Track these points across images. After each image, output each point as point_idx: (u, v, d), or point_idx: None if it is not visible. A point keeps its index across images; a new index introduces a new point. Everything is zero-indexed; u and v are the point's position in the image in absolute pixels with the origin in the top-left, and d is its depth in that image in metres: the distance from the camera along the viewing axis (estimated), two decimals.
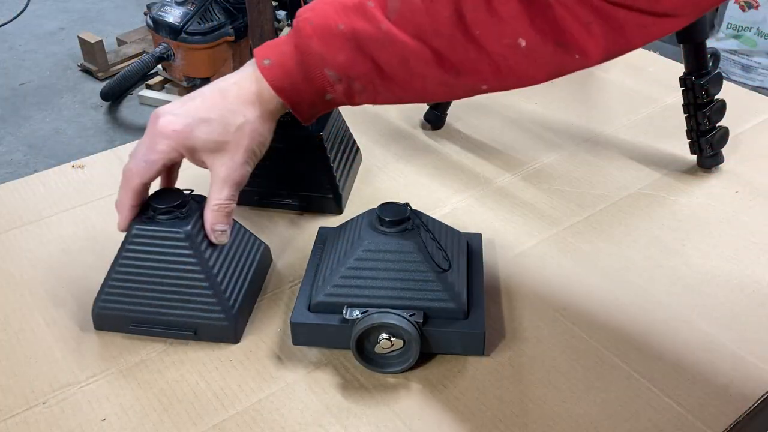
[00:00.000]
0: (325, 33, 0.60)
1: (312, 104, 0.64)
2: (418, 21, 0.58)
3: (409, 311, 0.62)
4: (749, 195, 0.86)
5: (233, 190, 0.64)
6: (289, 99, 0.63)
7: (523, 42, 0.57)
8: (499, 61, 0.58)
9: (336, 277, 0.64)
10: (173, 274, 0.64)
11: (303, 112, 0.65)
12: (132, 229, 0.65)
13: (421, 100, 0.67)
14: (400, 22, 0.58)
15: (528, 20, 0.56)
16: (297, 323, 0.64)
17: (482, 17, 0.56)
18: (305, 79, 0.62)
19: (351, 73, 0.61)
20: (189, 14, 2.65)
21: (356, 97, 0.63)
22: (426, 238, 0.64)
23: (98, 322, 0.68)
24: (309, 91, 0.63)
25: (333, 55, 0.60)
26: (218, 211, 0.64)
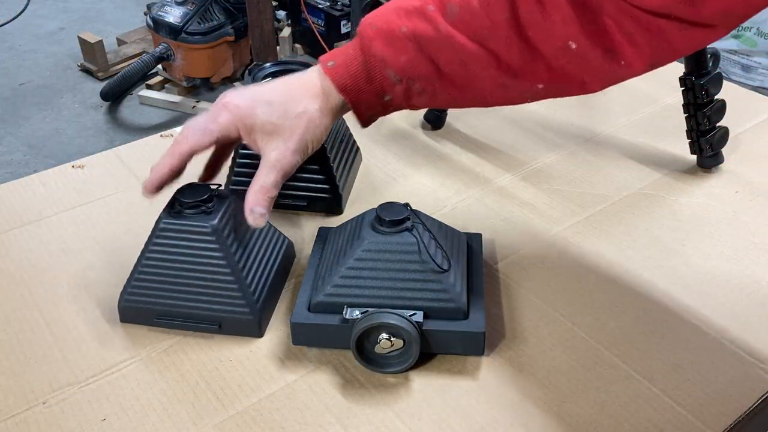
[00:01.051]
0: (387, 36, 0.62)
1: (370, 105, 0.66)
2: (476, 24, 0.60)
3: (409, 311, 0.62)
4: (749, 195, 0.86)
5: (280, 176, 0.65)
6: (351, 98, 0.65)
7: (573, 45, 0.59)
8: (552, 63, 0.60)
9: (336, 277, 0.64)
10: (199, 268, 0.65)
11: (362, 112, 0.67)
12: (159, 224, 0.66)
13: (479, 103, 0.67)
14: (459, 25, 0.60)
15: (579, 25, 0.58)
16: (297, 323, 0.64)
17: (536, 19, 0.59)
18: (367, 79, 0.64)
19: (411, 74, 0.63)
20: (189, 14, 2.65)
21: (414, 98, 0.65)
22: (426, 238, 0.64)
23: (124, 315, 0.69)
24: (369, 91, 0.65)
25: (395, 57, 0.62)
26: (261, 194, 0.65)
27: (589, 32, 0.58)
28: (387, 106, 0.67)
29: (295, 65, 0.81)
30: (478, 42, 0.60)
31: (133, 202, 0.85)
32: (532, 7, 0.59)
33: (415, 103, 0.66)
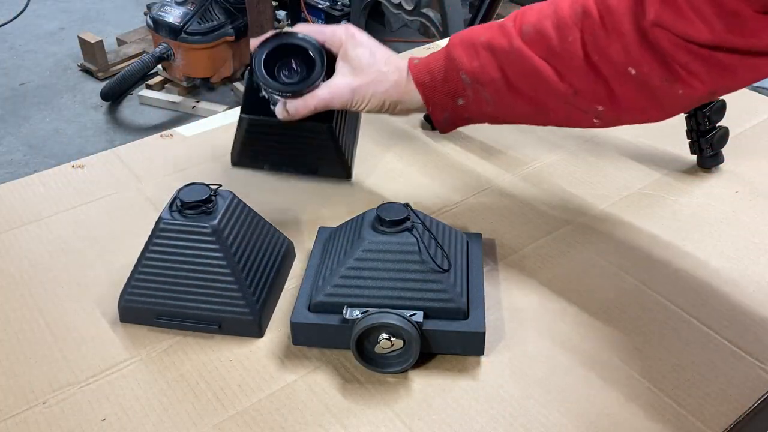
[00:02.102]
0: (467, 43, 0.71)
1: (444, 106, 0.73)
2: (546, 43, 0.66)
3: (409, 311, 0.62)
4: (749, 195, 0.86)
5: (323, 104, 0.73)
6: (426, 93, 0.73)
7: (633, 71, 0.63)
8: (612, 86, 0.65)
9: (336, 277, 0.64)
10: (199, 268, 0.65)
11: (436, 112, 0.74)
12: (159, 224, 0.66)
13: (542, 119, 0.72)
14: (531, 43, 0.67)
15: (639, 53, 0.62)
16: (297, 323, 0.64)
17: (600, 45, 0.64)
18: (443, 79, 0.72)
19: (481, 79, 0.70)
20: (189, 14, 2.65)
21: (484, 105, 0.72)
22: (426, 238, 0.64)
23: (124, 315, 0.69)
24: (443, 91, 0.72)
25: (469, 60, 0.70)
26: (302, 102, 0.73)
27: (648, 60, 0.62)
28: (460, 111, 0.73)
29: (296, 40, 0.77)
30: (545, 59, 0.66)
31: (133, 202, 0.85)
32: (597, 33, 0.64)
33: (486, 111, 0.73)
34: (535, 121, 0.73)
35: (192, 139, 0.98)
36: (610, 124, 0.70)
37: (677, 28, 0.59)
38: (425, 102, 0.73)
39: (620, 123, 0.70)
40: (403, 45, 2.89)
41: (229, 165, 0.88)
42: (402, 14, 2.62)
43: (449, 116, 0.74)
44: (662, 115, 0.68)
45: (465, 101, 0.72)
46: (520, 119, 0.74)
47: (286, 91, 0.73)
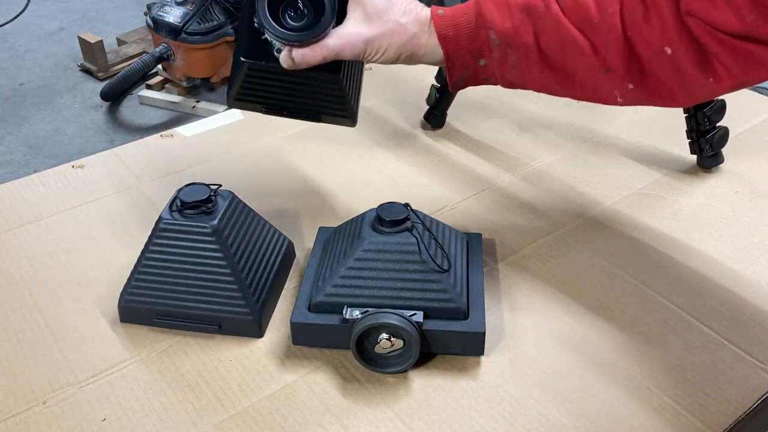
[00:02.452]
0: (501, 1, 0.66)
1: (464, 65, 0.68)
2: (584, 13, 0.63)
3: (409, 311, 0.62)
4: (749, 195, 0.86)
5: (332, 55, 0.67)
6: (448, 49, 0.67)
7: (669, 50, 0.61)
8: (646, 65, 0.62)
9: (336, 277, 0.64)
10: (199, 268, 0.65)
11: (454, 69, 0.68)
12: (159, 224, 0.66)
13: (568, 91, 0.68)
14: (568, 11, 0.64)
15: (677, 33, 0.60)
16: (297, 323, 0.64)
17: (637, 21, 0.61)
18: (469, 36, 0.66)
19: (512, 41, 0.65)
20: (189, 14, 2.65)
21: (508, 70, 0.67)
22: (426, 238, 0.64)
23: (124, 315, 0.69)
24: (467, 48, 0.67)
25: (502, 20, 0.65)
26: (311, 51, 0.66)
27: (684, 42, 0.60)
28: (479, 72, 0.68)
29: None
30: (581, 30, 0.63)
31: (133, 202, 0.85)
32: (636, 9, 0.62)
33: (507, 77, 0.68)
34: (555, 91, 0.69)
35: (192, 139, 0.98)
36: (633, 102, 0.66)
37: (707, 16, 0.58)
38: (446, 58, 0.68)
39: (644, 103, 0.67)
40: None
41: (229, 165, 0.89)
42: None
43: (468, 75, 0.69)
44: (688, 100, 0.65)
45: (488, 62, 0.67)
46: (541, 88, 0.70)
47: (293, 39, 0.66)
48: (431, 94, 0.99)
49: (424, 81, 1.04)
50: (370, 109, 1.04)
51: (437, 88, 0.98)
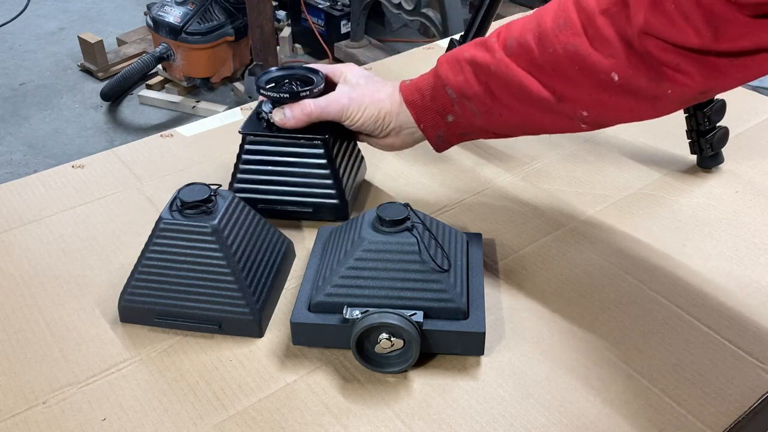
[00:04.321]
0: (452, 60, 0.73)
1: (435, 124, 0.75)
2: (528, 56, 0.67)
3: (409, 311, 0.62)
4: (749, 195, 0.86)
5: (318, 111, 0.76)
6: (416, 112, 0.75)
7: (615, 76, 0.63)
8: (596, 92, 0.65)
9: (336, 277, 0.64)
10: (199, 268, 0.65)
11: (428, 130, 0.75)
12: (159, 224, 0.66)
13: (531, 128, 0.73)
14: (513, 55, 0.68)
15: (624, 57, 0.62)
16: (297, 323, 0.64)
17: (582, 54, 0.64)
18: (432, 96, 0.74)
19: (466, 93, 0.71)
20: (189, 14, 2.65)
21: (473, 118, 0.73)
22: (426, 238, 0.64)
23: (124, 315, 0.69)
24: (432, 108, 0.74)
25: (454, 75, 0.72)
26: (298, 108, 0.76)
27: (634, 64, 0.62)
28: (452, 128, 0.75)
29: (300, 70, 0.80)
30: (528, 71, 0.67)
31: (133, 202, 0.85)
32: (580, 43, 0.64)
33: (476, 124, 0.73)
34: (525, 130, 0.74)
35: (192, 139, 0.98)
36: (598, 126, 0.69)
37: (666, 34, 0.59)
38: (416, 121, 0.75)
39: (609, 124, 0.70)
40: (403, 45, 2.90)
41: (230, 165, 0.88)
42: (402, 14, 2.62)
43: (443, 134, 0.75)
44: (653, 113, 0.67)
45: (454, 117, 0.73)
46: (511, 130, 0.74)
47: (284, 94, 0.76)
48: None
49: None
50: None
51: None
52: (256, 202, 0.77)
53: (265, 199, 0.79)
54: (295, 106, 0.76)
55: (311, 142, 0.77)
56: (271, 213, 0.79)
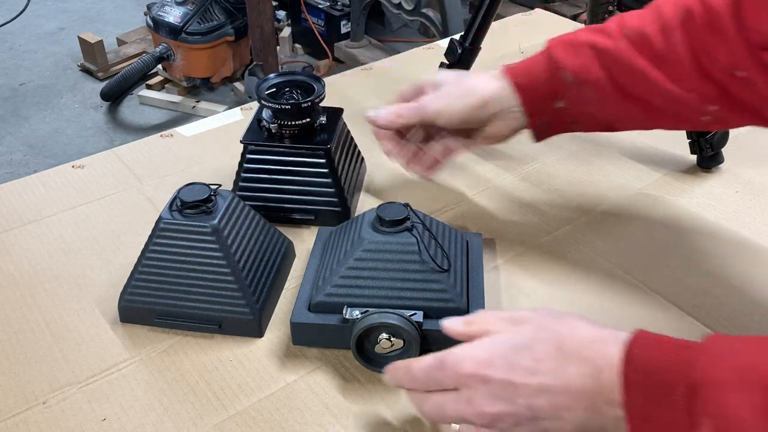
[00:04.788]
0: (567, 43, 0.69)
1: (543, 109, 0.70)
2: (651, 46, 0.64)
3: (408, 311, 0.62)
4: (749, 195, 0.86)
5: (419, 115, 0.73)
6: (525, 96, 0.70)
7: (740, 73, 0.61)
8: (720, 85, 0.62)
9: (336, 277, 0.64)
10: (199, 268, 0.65)
11: (533, 115, 0.70)
12: (159, 224, 0.66)
13: (654, 121, 0.69)
14: (635, 45, 0.65)
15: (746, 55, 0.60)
16: (297, 323, 0.64)
17: (706, 47, 0.62)
18: (544, 79, 0.69)
19: (585, 77, 0.67)
20: (189, 14, 2.65)
21: (588, 106, 0.68)
22: (426, 238, 0.64)
23: (124, 315, 0.69)
24: (543, 92, 0.69)
25: (572, 59, 0.67)
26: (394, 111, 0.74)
27: (755, 62, 0.60)
28: (561, 114, 0.70)
29: (300, 76, 0.80)
30: (652, 62, 0.64)
31: (133, 202, 0.85)
32: (704, 37, 0.62)
33: (589, 111, 0.69)
34: (644, 122, 0.70)
35: (192, 139, 0.98)
36: (722, 124, 0.67)
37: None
38: (522, 104, 0.70)
39: (734, 124, 0.67)
40: (403, 45, 2.90)
41: (230, 165, 0.88)
42: (402, 14, 2.62)
43: (549, 120, 0.71)
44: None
45: (566, 103, 0.69)
46: (629, 121, 0.70)
47: (285, 105, 0.76)
48: None
49: None
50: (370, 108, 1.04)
51: None
52: (258, 209, 0.77)
53: (267, 207, 0.79)
54: (390, 110, 0.74)
55: (313, 151, 0.78)
56: (272, 220, 0.78)
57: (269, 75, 0.81)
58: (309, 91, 0.78)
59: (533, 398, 0.47)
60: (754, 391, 0.40)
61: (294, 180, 0.79)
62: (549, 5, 2.83)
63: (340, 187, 0.78)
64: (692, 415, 0.42)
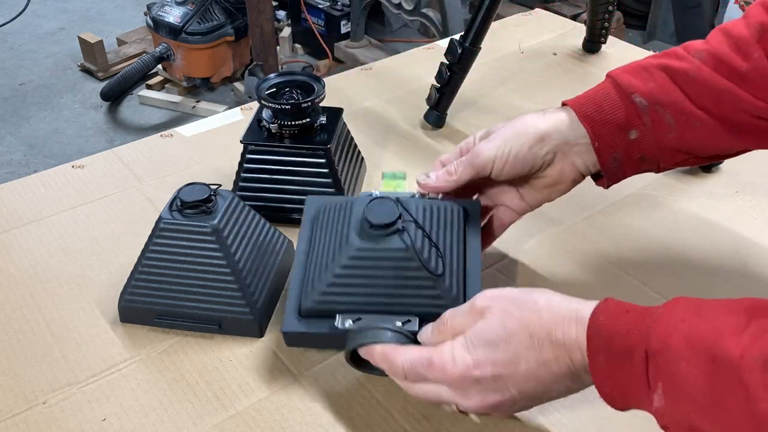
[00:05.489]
0: (634, 68, 0.63)
1: (614, 143, 0.62)
2: (728, 64, 0.60)
3: (403, 317, 0.59)
4: (749, 195, 0.86)
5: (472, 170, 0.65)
6: (593, 128, 0.62)
7: None
8: None
9: (323, 285, 0.60)
10: (199, 268, 0.65)
11: (605, 152, 0.63)
12: (159, 224, 0.65)
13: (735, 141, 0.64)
14: (710, 65, 0.61)
15: None
16: (288, 333, 0.62)
17: None
18: (612, 107, 0.62)
19: (661, 100, 0.61)
20: (189, 14, 2.65)
21: (665, 132, 0.62)
22: (419, 239, 0.60)
23: (124, 315, 0.69)
24: (614, 122, 0.62)
25: (643, 82, 0.62)
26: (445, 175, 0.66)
27: None
28: (632, 148, 0.63)
29: (300, 76, 0.80)
30: (730, 80, 0.60)
31: (133, 202, 0.85)
32: None
33: (665, 142, 0.62)
34: (724, 144, 0.64)
35: (192, 139, 0.98)
36: None
37: None
38: (592, 137, 0.62)
39: None
40: (403, 45, 2.89)
41: (230, 165, 0.88)
42: (402, 14, 2.62)
43: (620, 156, 0.63)
44: None
45: (640, 133, 0.62)
46: (709, 146, 0.64)
47: (285, 105, 0.76)
48: (431, 94, 0.99)
49: (424, 81, 1.04)
50: (370, 108, 1.04)
51: (437, 88, 0.98)
52: (258, 209, 0.77)
53: (267, 207, 0.79)
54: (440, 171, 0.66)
55: (313, 151, 0.78)
56: (272, 220, 0.78)
57: (269, 75, 0.81)
58: (309, 91, 0.78)
59: (523, 384, 0.52)
60: (701, 359, 0.43)
61: (294, 180, 0.79)
62: (549, 5, 2.83)
63: (339, 187, 0.78)
64: (648, 378, 0.46)
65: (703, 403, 0.44)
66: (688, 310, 0.47)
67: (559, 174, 0.65)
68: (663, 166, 0.65)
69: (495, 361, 0.52)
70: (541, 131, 0.63)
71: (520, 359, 0.51)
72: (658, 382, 0.46)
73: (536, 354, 0.51)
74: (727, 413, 0.43)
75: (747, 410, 0.41)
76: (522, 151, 0.63)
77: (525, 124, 0.64)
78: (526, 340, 0.51)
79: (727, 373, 0.42)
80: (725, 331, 0.43)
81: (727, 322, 0.44)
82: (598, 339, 0.48)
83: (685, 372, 0.44)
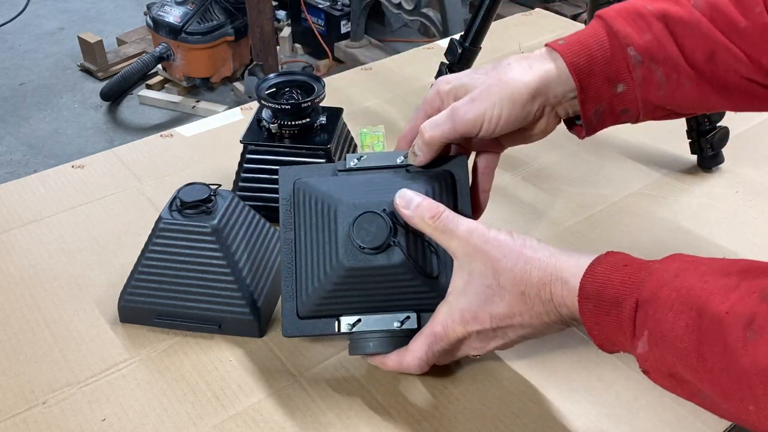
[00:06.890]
0: (630, 13, 0.58)
1: (599, 95, 0.59)
2: (726, 19, 0.57)
3: (402, 314, 0.60)
4: (749, 195, 0.86)
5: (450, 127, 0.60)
6: (582, 80, 0.58)
7: None
8: None
9: (317, 297, 0.60)
10: (199, 268, 0.65)
11: (589, 105, 0.59)
12: (159, 223, 0.65)
13: (725, 101, 0.61)
14: (708, 18, 0.57)
15: None
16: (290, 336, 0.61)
17: None
18: (604, 59, 0.58)
19: (655, 55, 0.57)
20: (189, 14, 2.65)
21: (653, 90, 0.59)
22: (411, 246, 0.59)
23: (124, 315, 0.69)
24: (603, 74, 0.58)
25: (639, 32, 0.57)
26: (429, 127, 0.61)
27: None
28: (616, 103, 0.60)
29: (300, 76, 0.80)
30: (728, 37, 0.57)
31: (133, 202, 0.85)
32: None
33: (652, 99, 0.59)
34: (712, 104, 0.61)
35: (192, 139, 0.98)
36: None
37: None
38: (579, 89, 0.58)
39: None
40: (403, 45, 2.89)
41: (230, 165, 0.88)
42: (402, 14, 2.62)
43: (603, 109, 0.60)
44: None
45: (627, 87, 0.59)
46: (695, 104, 0.61)
47: (285, 105, 0.76)
48: None
49: (424, 81, 1.04)
50: (370, 108, 1.04)
51: None
52: (258, 209, 0.77)
53: (267, 207, 0.79)
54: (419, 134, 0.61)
55: (313, 151, 0.78)
56: (272, 220, 0.78)
57: (269, 75, 0.81)
58: (309, 91, 0.78)
59: (520, 331, 0.57)
60: (688, 312, 0.46)
61: None
62: (549, 5, 2.83)
63: None
64: (635, 326, 0.49)
65: (685, 352, 0.46)
66: (683, 266, 0.49)
67: (545, 125, 0.62)
68: (642, 119, 0.62)
69: (491, 315, 0.57)
70: (532, 89, 0.59)
71: (514, 312, 0.56)
72: (644, 329, 0.48)
73: (528, 308, 0.56)
74: (707, 365, 0.45)
75: (726, 363, 0.43)
76: (514, 112, 0.60)
77: (514, 83, 0.59)
78: (518, 296, 0.56)
79: (711, 327, 0.44)
80: (715, 289, 0.45)
81: (719, 280, 0.46)
82: (591, 286, 0.52)
83: (671, 321, 0.46)
